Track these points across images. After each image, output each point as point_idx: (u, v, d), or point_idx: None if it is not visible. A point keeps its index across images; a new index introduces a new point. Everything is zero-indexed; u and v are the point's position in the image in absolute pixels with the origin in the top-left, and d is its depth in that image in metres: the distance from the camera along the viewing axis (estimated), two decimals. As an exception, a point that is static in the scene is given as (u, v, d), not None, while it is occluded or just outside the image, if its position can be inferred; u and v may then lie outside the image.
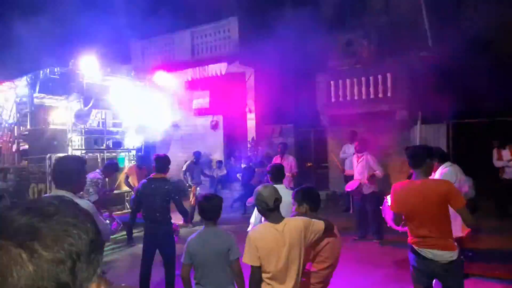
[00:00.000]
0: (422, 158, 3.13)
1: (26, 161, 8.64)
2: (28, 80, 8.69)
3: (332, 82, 10.70)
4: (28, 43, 11.34)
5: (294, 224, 2.69)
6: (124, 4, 12.08)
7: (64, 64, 8.65)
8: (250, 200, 3.79)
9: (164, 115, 10.05)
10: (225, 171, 11.35)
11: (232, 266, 2.94)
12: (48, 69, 8.48)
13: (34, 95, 8.78)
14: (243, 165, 10.82)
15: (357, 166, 7.10)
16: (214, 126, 12.77)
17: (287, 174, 7.50)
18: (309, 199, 3.10)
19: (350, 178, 7.59)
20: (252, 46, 10.44)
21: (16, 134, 9.31)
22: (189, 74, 12.46)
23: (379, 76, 9.98)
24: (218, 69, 11.86)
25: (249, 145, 12.23)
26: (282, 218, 2.71)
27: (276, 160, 8.13)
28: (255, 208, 4.42)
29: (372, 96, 10.12)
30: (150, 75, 10.92)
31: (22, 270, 0.56)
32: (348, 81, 10.48)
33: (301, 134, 12.03)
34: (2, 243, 0.58)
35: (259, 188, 2.79)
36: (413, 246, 3.13)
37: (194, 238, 3.03)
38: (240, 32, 11.87)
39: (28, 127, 8.95)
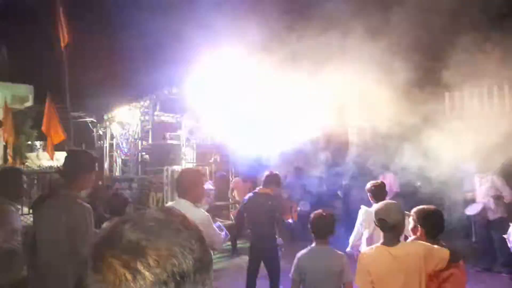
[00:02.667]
0: None
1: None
2: (152, 99, 9.85)
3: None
4: (150, 68, 12.91)
5: (413, 250, 2.43)
6: (232, 22, 12.88)
7: (180, 84, 9.60)
8: None
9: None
10: (324, 187, 11.11)
11: (345, 288, 2.83)
12: (167, 90, 9.51)
13: (155, 113, 9.91)
14: (344, 182, 10.44)
15: (480, 186, 6.28)
16: (316, 142, 12.66)
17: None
18: (426, 223, 2.73)
19: (469, 200, 6.74)
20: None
21: (140, 148, 10.58)
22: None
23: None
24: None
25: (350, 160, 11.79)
26: (398, 241, 2.50)
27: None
28: (356, 226, 4.21)
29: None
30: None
31: None
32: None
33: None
34: (110, 261, 0.58)
35: (381, 203, 2.63)
36: None
37: (305, 254, 3.00)
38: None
39: (150, 141, 10.10)
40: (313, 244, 3.05)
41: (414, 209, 2.93)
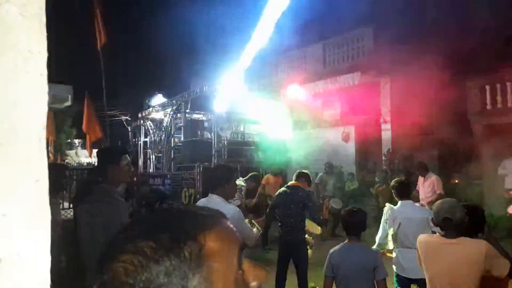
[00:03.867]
0: None
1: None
2: (183, 98, 10.06)
3: (487, 86, 9.29)
4: (183, 68, 13.17)
5: (475, 245, 2.34)
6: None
7: (211, 83, 9.75)
8: None
9: (296, 127, 10.32)
10: (357, 184, 10.92)
11: (378, 285, 2.77)
12: (197, 89, 9.68)
13: (187, 111, 10.11)
14: (376, 179, 10.22)
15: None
16: (346, 138, 12.47)
17: (427, 197, 6.76)
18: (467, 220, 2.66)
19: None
20: (387, 53, 9.90)
21: (172, 145, 10.84)
22: (320, 85, 12.54)
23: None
24: (350, 79, 11.62)
25: (384, 158, 11.52)
26: (457, 236, 2.41)
27: (419, 181, 7.37)
28: (381, 224, 4.11)
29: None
30: (283, 88, 11.38)
31: None
32: (509, 84, 8.93)
33: (445, 146, 10.73)
34: (104, 279, 0.55)
35: (441, 201, 2.57)
36: None
37: (337, 250, 2.97)
38: (374, 41, 11.43)
39: (182, 139, 10.32)
40: (346, 241, 3.01)
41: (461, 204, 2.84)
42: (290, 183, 4.81)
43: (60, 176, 3.43)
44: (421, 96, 9.76)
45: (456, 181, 10.64)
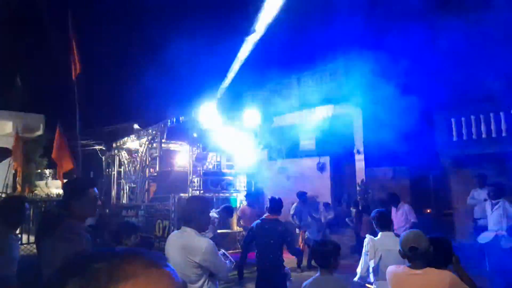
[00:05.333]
0: None
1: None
2: (158, 128, 10.00)
3: (453, 119, 9.76)
4: (159, 98, 13.19)
5: (439, 275, 2.38)
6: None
7: (187, 113, 9.77)
8: None
9: (272, 157, 10.39)
10: (332, 214, 10.96)
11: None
12: (174, 118, 9.67)
13: (163, 140, 10.03)
14: (352, 209, 10.32)
15: (491, 214, 6.14)
16: (321, 168, 12.63)
17: (401, 226, 6.87)
18: (435, 251, 2.71)
19: (480, 227, 6.58)
20: (359, 87, 10.30)
21: (147, 175, 10.64)
22: (296, 117, 12.81)
23: (512, 111, 8.75)
24: (325, 111, 11.94)
25: (358, 188, 11.70)
26: (423, 266, 2.45)
27: (392, 212, 7.50)
28: (362, 256, 4.11)
29: (504, 134, 8.86)
30: (259, 119, 11.54)
31: None
32: (472, 117, 9.42)
33: (416, 177, 11.05)
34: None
35: (407, 232, 2.62)
36: None
37: (310, 283, 2.93)
38: (346, 75, 11.89)
39: (157, 169, 10.16)
40: (318, 274, 2.99)
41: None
42: (265, 215, 4.76)
43: (18, 210, 3.26)
44: (392, 128, 10.12)
45: (428, 210, 10.90)
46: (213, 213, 6.48)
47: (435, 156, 10.15)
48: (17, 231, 3.79)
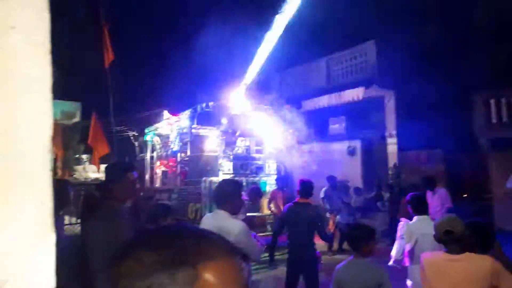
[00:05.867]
0: None
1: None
2: (189, 113, 10.16)
3: (492, 100, 9.28)
4: (189, 83, 13.34)
5: (479, 261, 2.31)
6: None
7: (217, 99, 9.86)
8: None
9: (301, 141, 10.34)
10: (363, 199, 10.84)
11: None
12: (204, 104, 9.78)
13: (193, 126, 10.19)
14: (384, 193, 10.15)
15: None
16: (351, 152, 12.45)
17: (437, 211, 6.69)
18: (477, 236, 2.59)
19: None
20: (391, 68, 9.97)
21: (178, 160, 10.89)
22: (325, 100, 12.61)
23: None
24: (355, 94, 11.67)
25: (390, 172, 11.45)
26: (461, 252, 2.39)
27: (428, 196, 7.31)
28: (397, 240, 4.06)
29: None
30: (288, 104, 11.46)
31: None
32: (513, 98, 8.93)
33: (452, 160, 10.65)
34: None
35: (443, 216, 2.58)
36: None
37: (343, 266, 2.94)
38: (378, 55, 11.52)
39: (188, 153, 10.37)
40: (351, 257, 2.98)
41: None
42: (297, 199, 4.78)
43: (63, 193, 3.45)
44: (426, 110, 9.77)
45: (465, 195, 10.52)
46: (243, 196, 6.57)
47: (472, 138, 9.74)
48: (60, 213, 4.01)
